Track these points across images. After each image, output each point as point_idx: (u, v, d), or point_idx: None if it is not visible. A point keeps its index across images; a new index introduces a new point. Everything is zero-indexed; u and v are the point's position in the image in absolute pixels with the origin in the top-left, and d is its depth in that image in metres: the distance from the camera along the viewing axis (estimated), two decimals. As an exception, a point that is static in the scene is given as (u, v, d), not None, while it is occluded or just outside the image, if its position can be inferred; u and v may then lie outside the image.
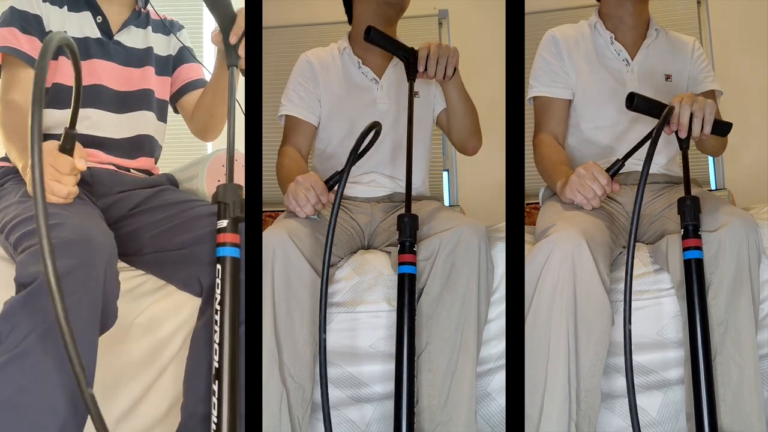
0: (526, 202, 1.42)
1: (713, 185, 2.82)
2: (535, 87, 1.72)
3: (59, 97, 1.58)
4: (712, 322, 1.31)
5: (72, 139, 1.26)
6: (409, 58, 1.57)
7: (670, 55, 1.73)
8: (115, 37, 1.68)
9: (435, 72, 1.57)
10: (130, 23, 1.70)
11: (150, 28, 1.75)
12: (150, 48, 1.74)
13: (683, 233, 1.30)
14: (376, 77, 1.75)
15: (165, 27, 1.79)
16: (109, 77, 1.64)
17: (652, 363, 1.42)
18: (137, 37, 1.72)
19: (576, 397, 1.28)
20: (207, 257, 1.37)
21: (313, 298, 1.35)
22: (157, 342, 1.41)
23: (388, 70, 1.75)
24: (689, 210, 1.30)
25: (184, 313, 1.43)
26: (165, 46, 1.79)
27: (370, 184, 1.70)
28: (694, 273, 1.28)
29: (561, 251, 1.29)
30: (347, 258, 1.53)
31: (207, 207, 1.48)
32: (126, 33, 1.70)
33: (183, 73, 1.83)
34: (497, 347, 1.46)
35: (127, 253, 1.46)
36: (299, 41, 2.83)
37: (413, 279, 1.32)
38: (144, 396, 1.40)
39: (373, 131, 1.31)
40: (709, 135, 1.40)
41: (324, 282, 1.23)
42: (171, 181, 1.71)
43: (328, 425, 1.21)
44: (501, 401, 1.47)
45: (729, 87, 1.80)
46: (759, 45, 2.71)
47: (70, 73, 1.59)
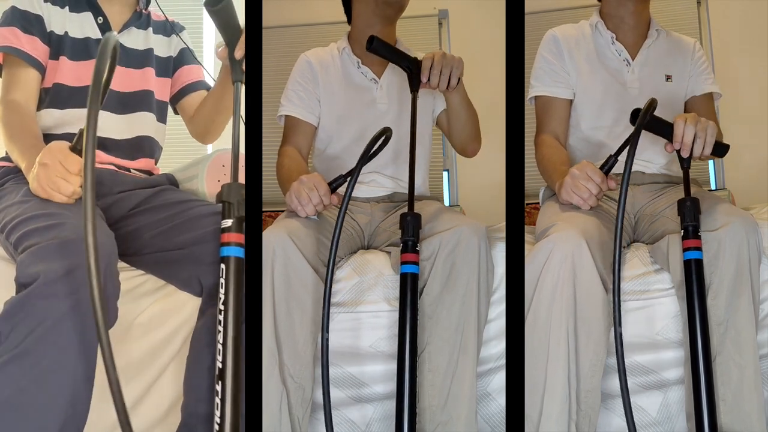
0: (526, 202, 1.42)
1: (713, 185, 2.82)
2: (536, 87, 1.71)
3: (59, 97, 1.58)
4: (712, 322, 1.31)
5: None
6: (413, 68, 1.54)
7: (670, 56, 1.72)
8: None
9: (438, 82, 1.54)
10: (131, 24, 1.70)
11: (151, 29, 1.76)
12: (150, 49, 1.74)
13: (683, 234, 1.30)
14: (375, 77, 1.74)
15: (166, 28, 1.79)
16: (110, 78, 1.64)
17: (652, 363, 1.42)
18: (138, 38, 1.72)
19: (576, 397, 1.28)
20: (207, 257, 1.37)
21: (313, 298, 1.35)
22: (157, 342, 1.41)
23: (387, 70, 1.75)
24: (689, 211, 1.30)
25: (184, 313, 1.43)
26: (165, 47, 1.79)
27: (370, 184, 1.70)
28: (693, 273, 1.28)
29: (561, 251, 1.29)
30: (347, 258, 1.53)
31: (207, 207, 1.48)
32: (127, 34, 1.70)
33: (183, 75, 1.83)
34: (497, 347, 1.46)
35: (128, 253, 1.47)
36: (299, 41, 2.82)
37: (416, 278, 1.32)
38: (144, 396, 1.40)
39: (384, 137, 1.31)
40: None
41: (328, 282, 1.23)
42: (171, 181, 1.70)
43: (329, 426, 1.21)
44: (501, 401, 1.47)
45: (729, 87, 1.80)
46: (759, 45, 2.70)
47: (70, 73, 1.60)
